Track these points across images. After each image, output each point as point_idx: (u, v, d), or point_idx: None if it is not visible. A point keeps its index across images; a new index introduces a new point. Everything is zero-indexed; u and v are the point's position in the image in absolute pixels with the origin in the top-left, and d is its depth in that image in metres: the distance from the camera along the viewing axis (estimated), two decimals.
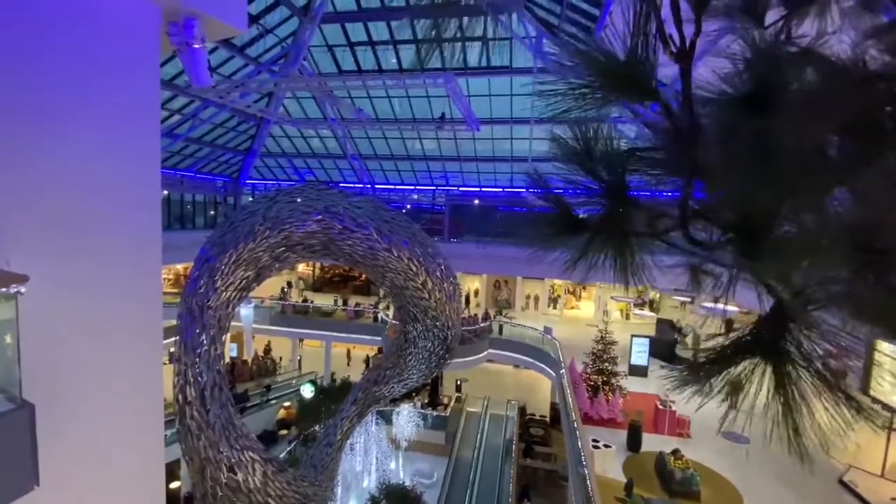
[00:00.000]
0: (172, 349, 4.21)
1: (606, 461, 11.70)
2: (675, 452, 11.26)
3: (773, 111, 0.85)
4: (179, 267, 26.89)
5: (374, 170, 27.55)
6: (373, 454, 17.15)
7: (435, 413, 19.94)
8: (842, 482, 10.99)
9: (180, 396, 4.14)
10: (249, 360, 23.64)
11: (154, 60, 3.09)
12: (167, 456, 14.20)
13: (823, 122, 0.82)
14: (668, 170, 1.14)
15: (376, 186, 28.24)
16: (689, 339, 22.64)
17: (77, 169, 2.76)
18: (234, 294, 4.60)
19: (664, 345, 21.01)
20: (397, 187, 28.52)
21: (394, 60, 19.22)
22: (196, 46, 3.86)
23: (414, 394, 20.81)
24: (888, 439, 11.44)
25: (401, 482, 14.32)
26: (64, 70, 2.85)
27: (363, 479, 16.85)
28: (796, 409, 0.98)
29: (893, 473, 10.83)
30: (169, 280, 28.87)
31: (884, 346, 9.81)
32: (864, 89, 0.80)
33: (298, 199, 5.04)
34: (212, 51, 16.02)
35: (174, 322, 4.20)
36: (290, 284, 31.85)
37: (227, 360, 23.86)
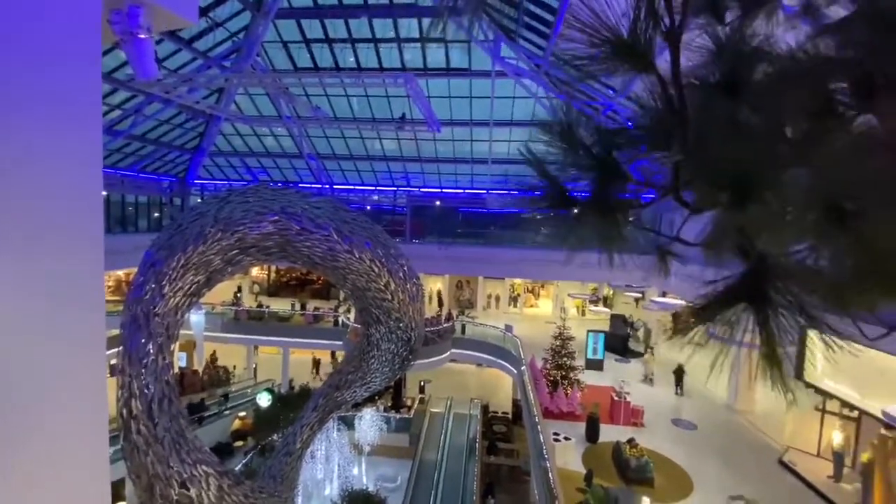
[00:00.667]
0: (115, 361, 3.93)
1: (567, 453, 12.06)
2: (630, 441, 11.77)
3: (741, 97, 0.98)
4: (121, 273, 25.14)
5: (332, 170, 26.97)
6: (334, 461, 16.77)
7: (398, 416, 19.79)
8: (781, 462, 11.89)
9: (125, 410, 3.88)
10: (200, 370, 22.48)
11: (95, 50, 2.87)
12: (111, 475, 13.30)
13: (779, 106, 0.95)
14: (657, 144, 1.22)
15: (335, 187, 27.66)
16: (640, 333, 23.77)
17: (10, 166, 2.52)
18: (183, 300, 4.37)
19: (618, 339, 21.96)
20: (357, 188, 28.08)
21: (352, 59, 18.92)
22: (142, 37, 3.62)
23: (377, 397, 20.55)
24: (822, 421, 12.50)
25: (364, 488, 14.09)
26: None
27: (325, 486, 16.44)
28: (779, 344, 1.12)
29: (828, 452, 11.80)
30: (109, 287, 26.93)
31: (815, 333, 10.73)
32: (810, 78, 0.90)
33: (252, 200, 4.86)
34: (157, 43, 15.12)
35: (116, 332, 3.93)
36: (241, 289, 30.44)
37: (176, 370, 22.54)
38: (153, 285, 4.26)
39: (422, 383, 23.29)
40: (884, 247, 0.91)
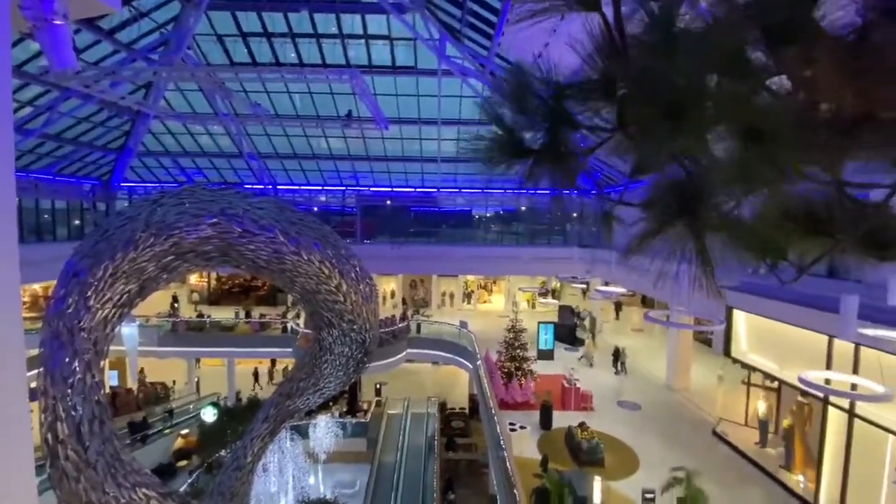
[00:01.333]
0: (34, 384, 3.57)
1: (523, 442, 12.42)
2: (581, 425, 12.33)
3: (670, 55, 1.14)
4: (37, 287, 22.74)
5: (275, 170, 25.89)
6: (289, 472, 16.18)
7: (354, 420, 19.44)
8: (715, 433, 12.95)
9: (50, 435, 3.56)
10: (135, 388, 20.83)
11: (3, 39, 2.57)
12: None
13: (701, 62, 1.13)
14: (603, 93, 1.34)
15: (279, 187, 26.60)
16: (586, 323, 24.93)
17: None
18: (112, 312, 4.05)
19: (566, 329, 22.89)
20: (303, 188, 27.16)
21: (293, 55, 18.25)
22: (57, 23, 3.30)
23: (331, 403, 20.06)
24: (748, 393, 13.73)
25: (321, 496, 13.73)
26: None
27: (279, 499, 15.83)
28: (709, 248, 1.38)
29: (754, 421, 12.97)
30: (25, 303, 24.26)
31: (739, 313, 11.78)
32: (725, 36, 1.08)
33: (188, 201, 4.58)
34: (74, 32, 13.79)
35: (34, 352, 3.57)
36: (176, 299, 28.44)
37: (108, 389, 20.73)
38: (76, 297, 3.91)
39: (378, 386, 23.02)
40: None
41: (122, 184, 25.09)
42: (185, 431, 18.22)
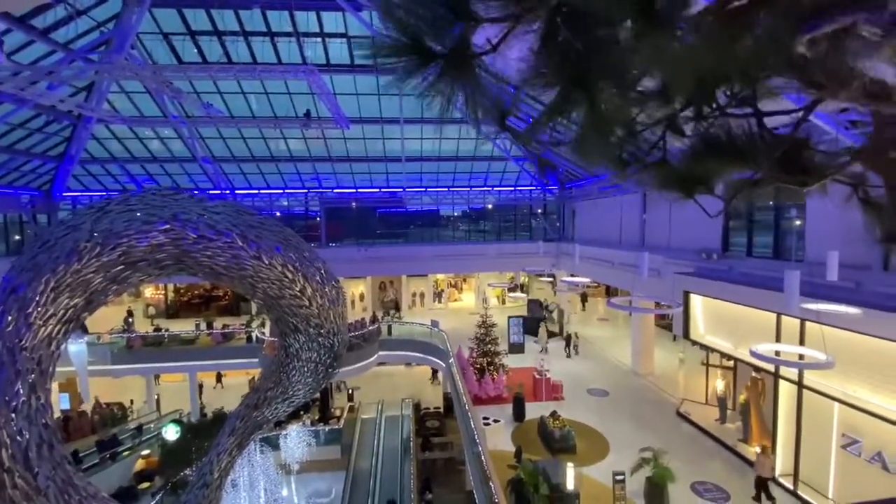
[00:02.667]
0: None
1: (497, 435, 12.56)
2: (553, 414, 12.59)
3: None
4: None
5: (232, 173, 24.95)
6: (260, 485, 15.66)
7: (327, 427, 19.04)
8: (679, 413, 13.54)
9: None
10: (90, 410, 19.56)
11: None
12: None
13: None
14: None
15: (237, 192, 25.68)
16: (554, 315, 25.50)
17: None
18: (57, 328, 3.80)
19: (535, 322, 23.32)
20: (262, 192, 26.34)
21: (246, 54, 17.65)
22: None
23: (302, 411, 19.56)
24: (707, 373, 14.44)
25: None
26: None
27: None
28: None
29: (713, 399, 13.64)
30: None
31: (695, 297, 12.37)
32: None
33: (138, 207, 4.35)
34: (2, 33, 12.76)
35: None
36: (130, 314, 26.92)
37: (58, 413, 19.39)
38: (16, 314, 3.65)
39: (350, 391, 22.65)
40: None
41: (65, 193, 23.51)
42: (145, 452, 17.28)
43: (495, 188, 27.96)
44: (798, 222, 10.69)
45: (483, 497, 9.34)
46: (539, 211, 28.47)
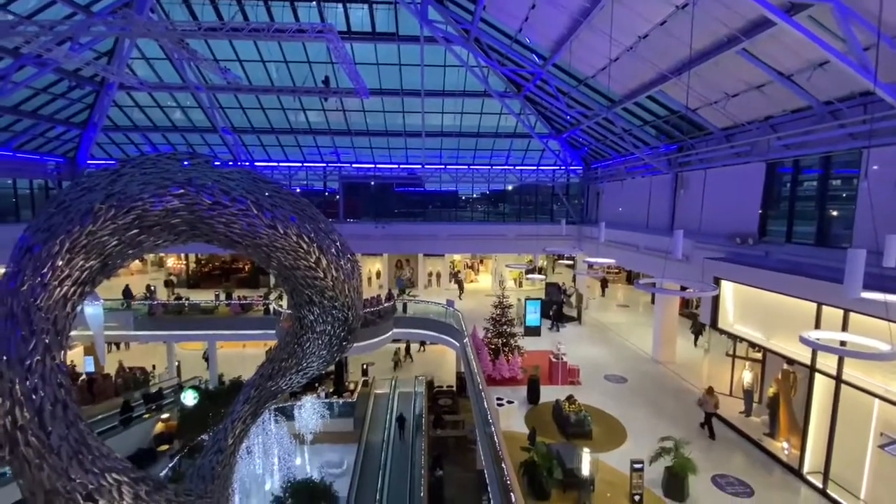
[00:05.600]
0: None
1: (510, 416, 12.42)
2: (569, 399, 12.35)
3: None
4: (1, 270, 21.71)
5: (252, 145, 24.92)
6: (274, 454, 16.05)
7: (341, 400, 19.32)
8: (700, 404, 13.14)
9: (7, 421, 3.26)
10: (114, 372, 20.24)
11: None
12: (5, 499, 11.47)
13: None
14: None
15: (256, 164, 25.70)
16: (573, 299, 25.10)
17: None
18: (72, 289, 3.68)
19: (553, 305, 23.00)
20: (281, 165, 26.29)
21: (266, 19, 17.26)
22: None
23: (317, 384, 19.87)
24: (733, 364, 13.97)
25: (308, 476, 13.64)
26: None
27: (265, 481, 15.72)
28: None
29: (738, 391, 13.13)
30: None
31: (726, 284, 11.84)
32: None
33: (152, 171, 4.17)
34: None
35: None
36: (149, 289, 26.89)
37: (84, 376, 20.12)
38: (30, 274, 3.54)
39: (364, 366, 22.90)
40: None
41: (90, 161, 23.85)
42: (165, 416, 17.85)
43: (517, 167, 27.27)
44: (846, 207, 10.02)
45: (494, 477, 9.26)
46: (562, 192, 27.74)
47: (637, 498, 8.93)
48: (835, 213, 10.50)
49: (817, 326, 9.02)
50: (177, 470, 14.54)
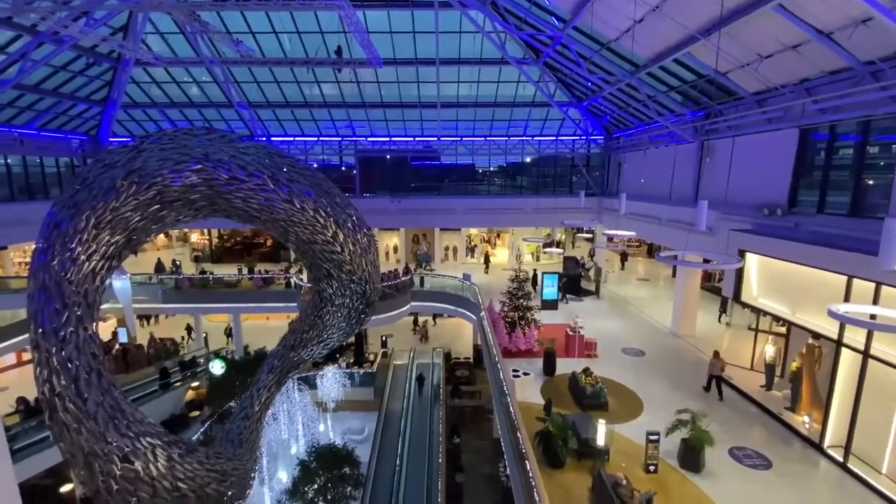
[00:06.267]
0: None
1: (526, 388, 12.58)
2: (585, 371, 12.42)
3: None
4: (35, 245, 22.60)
5: (267, 120, 24.89)
6: (298, 420, 16.75)
7: (361, 371, 19.87)
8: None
9: (46, 389, 3.42)
10: (146, 343, 21.19)
11: None
12: (47, 460, 12.29)
13: None
14: None
15: (272, 139, 25.74)
16: (591, 273, 24.87)
17: None
18: (100, 263, 3.78)
19: (571, 279, 22.86)
20: (297, 139, 26.26)
21: None
22: None
23: (338, 355, 20.44)
24: (755, 338, 13.75)
25: (331, 442, 14.23)
26: None
27: (290, 446, 16.48)
28: None
29: (760, 365, 12.96)
30: (27, 264, 24.39)
31: (751, 257, 11.51)
32: None
33: (170, 147, 4.20)
34: None
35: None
36: (172, 263, 27.58)
37: (118, 346, 21.14)
38: (59, 248, 3.64)
39: (383, 338, 23.39)
40: None
41: (111, 138, 24.26)
42: (195, 384, 18.70)
43: (535, 137, 26.60)
44: (884, 175, 9.49)
45: (510, 445, 9.46)
46: (581, 163, 27.05)
47: (652, 468, 9.04)
48: (871, 182, 9.98)
49: (846, 300, 8.74)
50: (207, 434, 15.35)
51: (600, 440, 9.41)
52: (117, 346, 21.15)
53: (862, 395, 8.87)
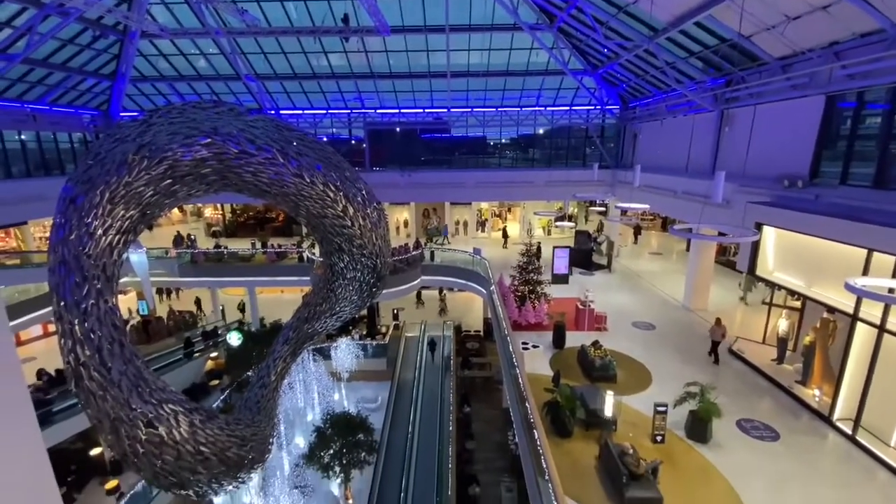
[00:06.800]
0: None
1: (535, 360, 12.74)
2: (594, 344, 12.49)
3: None
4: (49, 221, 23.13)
5: (276, 92, 24.62)
6: (314, 389, 17.29)
7: (374, 342, 20.29)
8: (731, 351, 13.06)
9: (71, 358, 3.55)
10: (165, 314, 21.83)
11: None
12: (76, 425, 12.90)
13: None
14: None
15: (281, 112, 25.52)
16: (603, 247, 24.66)
17: None
18: (116, 238, 3.85)
19: (582, 254, 22.72)
20: (306, 112, 25.99)
21: None
22: None
23: (350, 327, 20.85)
24: (769, 311, 13.63)
25: (345, 410, 14.70)
26: None
27: (307, 413, 17.08)
28: None
29: (772, 339, 12.89)
30: (47, 238, 25.00)
31: (768, 230, 11.27)
32: None
33: (179, 121, 4.18)
34: None
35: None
36: (187, 238, 28.04)
37: (138, 318, 21.82)
38: (76, 223, 3.70)
39: (395, 311, 23.73)
40: None
41: (122, 113, 24.29)
42: (214, 354, 19.33)
43: (548, 108, 25.92)
44: None
45: (519, 415, 9.66)
46: (596, 134, 26.38)
47: (659, 438, 9.19)
48: None
49: (865, 274, 8.56)
50: (227, 402, 15.97)
51: (608, 411, 9.56)
52: (137, 319, 21.85)
53: (875, 368, 8.80)
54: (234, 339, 17.69)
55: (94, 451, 14.49)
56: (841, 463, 8.64)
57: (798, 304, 12.31)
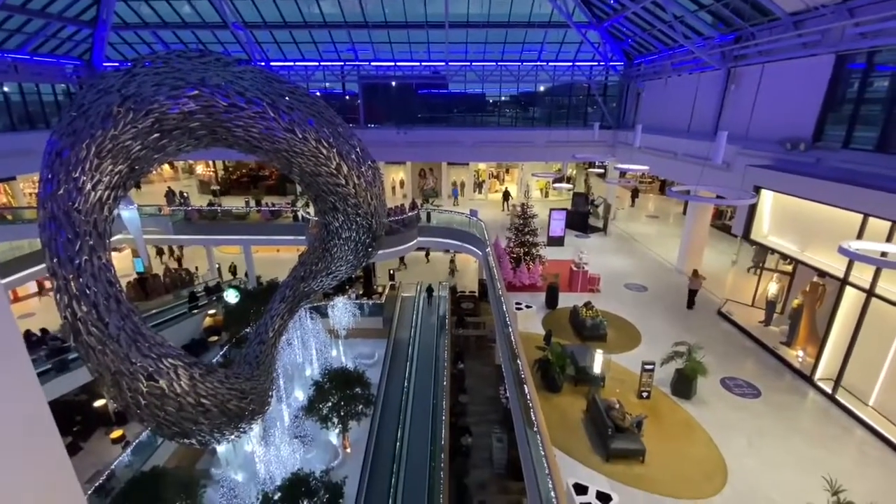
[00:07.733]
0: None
1: (528, 320, 12.99)
2: (586, 305, 12.72)
3: None
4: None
5: (265, 42, 23.50)
6: (311, 346, 17.66)
7: (370, 301, 20.55)
8: (720, 313, 13.34)
9: (68, 314, 3.56)
10: (162, 274, 21.86)
11: None
12: (80, 377, 13.16)
13: None
14: None
15: (272, 64, 24.48)
16: (600, 210, 24.57)
17: None
18: (106, 193, 3.76)
19: (579, 216, 22.65)
20: (297, 64, 24.94)
21: None
22: None
23: (347, 286, 21.03)
24: (759, 274, 13.80)
25: (343, 365, 15.09)
26: None
27: (305, 368, 17.54)
28: None
29: (761, 302, 13.13)
30: (36, 194, 24.53)
31: (766, 194, 11.22)
32: None
33: (164, 71, 3.97)
34: None
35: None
36: (180, 195, 27.41)
37: (134, 276, 21.84)
38: (64, 178, 3.61)
39: (391, 271, 23.88)
40: None
41: (106, 63, 23.23)
42: (212, 311, 19.56)
43: (550, 63, 24.98)
44: None
45: (510, 372, 9.96)
46: (598, 93, 25.61)
47: (645, 395, 9.55)
48: None
49: (859, 239, 8.62)
50: (226, 357, 16.32)
51: (597, 368, 9.87)
52: (133, 276, 21.89)
53: (860, 331, 9.06)
54: (232, 296, 17.84)
55: (98, 403, 14.94)
56: (819, 420, 9.04)
57: (789, 268, 12.47)
